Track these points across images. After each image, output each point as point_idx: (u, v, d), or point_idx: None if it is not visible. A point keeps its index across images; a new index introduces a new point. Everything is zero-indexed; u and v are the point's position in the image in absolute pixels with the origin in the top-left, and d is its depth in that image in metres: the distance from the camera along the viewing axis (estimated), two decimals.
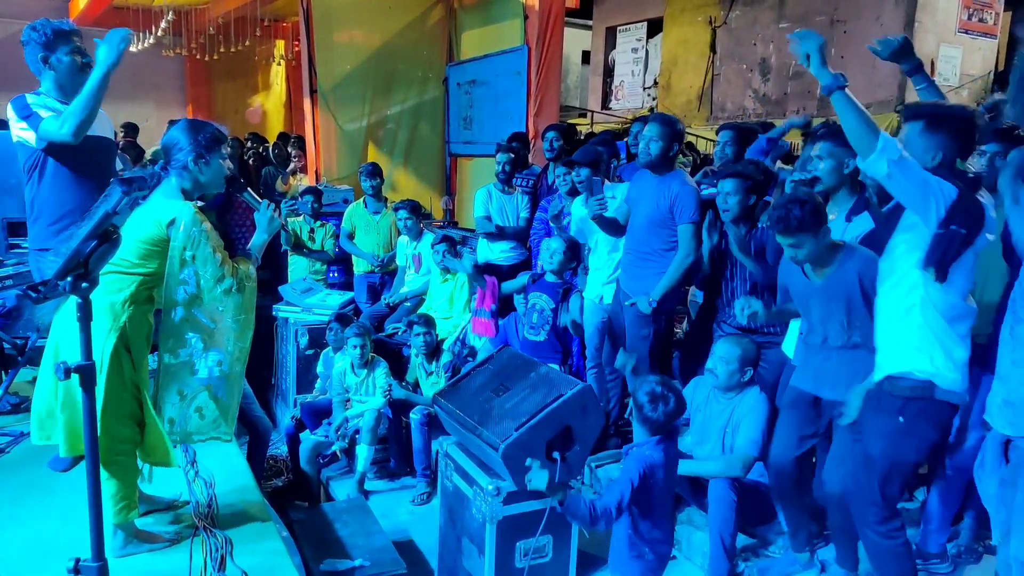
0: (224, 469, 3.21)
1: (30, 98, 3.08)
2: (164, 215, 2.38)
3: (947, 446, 2.88)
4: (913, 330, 2.40)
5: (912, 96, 10.50)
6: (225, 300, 2.47)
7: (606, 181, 4.32)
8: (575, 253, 4.18)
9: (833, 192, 3.01)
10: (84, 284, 1.50)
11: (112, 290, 2.32)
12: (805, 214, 2.61)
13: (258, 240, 2.67)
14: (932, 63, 10.44)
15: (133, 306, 2.37)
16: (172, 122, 3.21)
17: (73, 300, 1.54)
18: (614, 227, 3.86)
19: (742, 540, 3.21)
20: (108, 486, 2.35)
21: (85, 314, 1.52)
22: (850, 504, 2.67)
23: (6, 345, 3.89)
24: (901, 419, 2.43)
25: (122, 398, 2.38)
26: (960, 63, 10.66)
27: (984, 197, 2.33)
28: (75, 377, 1.56)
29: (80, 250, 1.51)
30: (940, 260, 2.26)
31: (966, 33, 10.86)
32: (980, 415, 2.40)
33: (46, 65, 3.08)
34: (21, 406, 3.77)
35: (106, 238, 1.54)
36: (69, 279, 1.49)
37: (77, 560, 1.59)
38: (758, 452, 3.07)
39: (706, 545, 3.17)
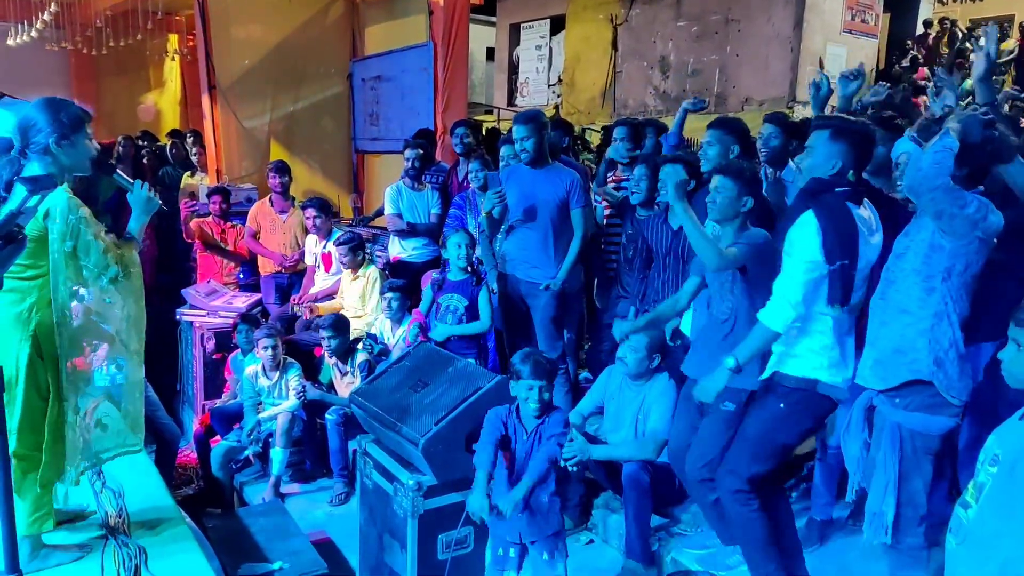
0: (132, 478, 3.09)
1: None
2: (41, 208, 2.23)
3: (822, 434, 3.09)
4: (803, 338, 2.57)
5: (803, 94, 11.11)
6: (112, 291, 2.38)
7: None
8: (474, 241, 4.26)
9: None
10: None
11: (14, 300, 2.23)
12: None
13: (136, 223, 2.55)
14: (820, 60, 11.05)
15: (39, 312, 2.27)
16: None
17: None
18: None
19: (656, 520, 3.34)
20: (25, 496, 2.26)
21: None
22: (715, 476, 2.79)
23: None
24: (782, 405, 2.61)
25: (39, 408, 2.29)
26: (845, 60, 11.31)
27: (862, 210, 2.52)
28: None
29: None
30: (842, 293, 2.44)
31: (850, 33, 11.55)
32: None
33: None
34: None
35: (11, 239, 1.47)
36: None
37: None
38: (667, 435, 3.20)
39: (622, 527, 3.29)
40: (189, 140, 7.56)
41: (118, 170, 2.63)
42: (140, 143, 8.11)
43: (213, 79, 7.40)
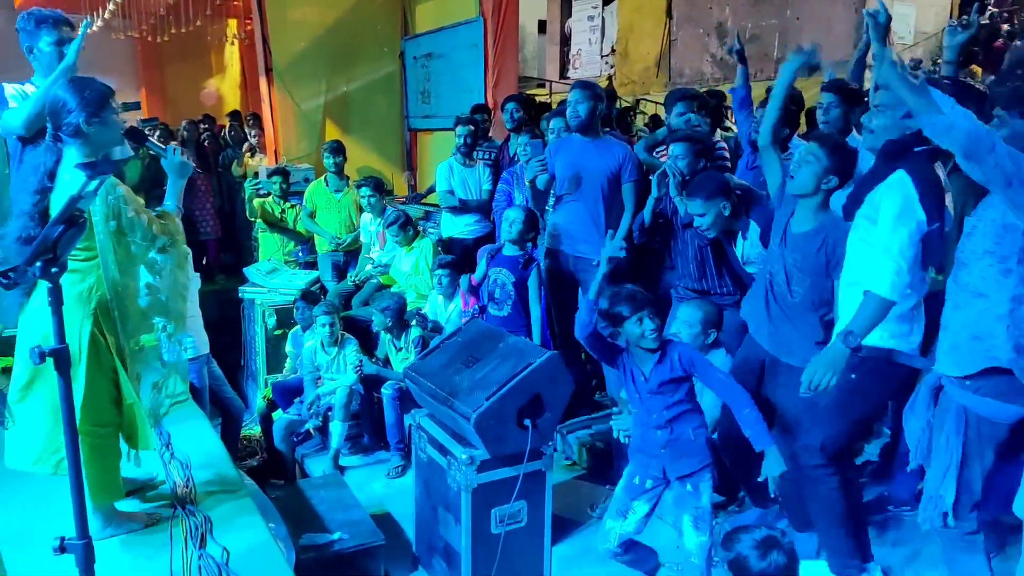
0: (199, 450, 3.23)
1: (11, 87, 3.03)
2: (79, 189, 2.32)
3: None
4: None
5: (868, 57, 10.68)
6: (162, 261, 2.42)
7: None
8: (534, 222, 4.23)
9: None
10: (54, 269, 1.51)
11: (75, 280, 2.31)
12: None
13: (173, 188, 2.58)
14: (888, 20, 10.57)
15: (99, 291, 2.35)
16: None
17: (39, 301, 1.52)
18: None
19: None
20: (90, 470, 2.35)
21: (56, 299, 1.53)
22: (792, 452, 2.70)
23: None
24: (854, 376, 2.47)
25: (102, 384, 2.37)
26: (914, 20, 10.82)
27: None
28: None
29: (48, 235, 1.51)
30: (938, 256, 2.35)
31: None
32: None
33: (31, 55, 3.02)
34: None
35: (73, 222, 1.54)
36: (39, 264, 1.49)
37: (62, 539, 1.62)
38: (719, 415, 3.16)
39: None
40: (248, 122, 7.74)
41: (149, 139, 2.71)
42: (202, 126, 8.34)
43: (269, 62, 7.55)
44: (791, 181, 2.71)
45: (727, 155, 4.11)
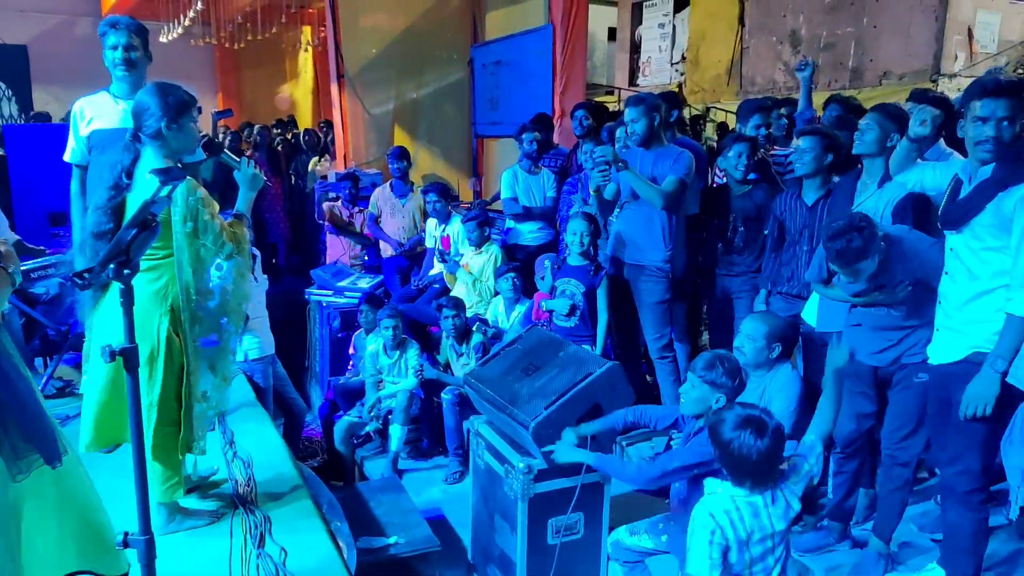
0: (261, 449, 3.29)
1: (80, 101, 3.18)
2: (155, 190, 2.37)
3: None
4: (995, 315, 2.40)
5: (949, 66, 10.25)
6: (228, 266, 2.48)
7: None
8: (597, 230, 4.19)
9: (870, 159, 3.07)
10: (126, 271, 1.55)
11: (152, 278, 2.38)
12: (864, 241, 2.61)
13: (244, 199, 2.63)
14: (969, 30, 10.14)
15: (174, 287, 2.42)
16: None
17: (112, 299, 1.55)
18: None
19: None
20: (155, 466, 2.42)
21: (128, 299, 1.57)
22: (945, 477, 2.67)
23: (50, 331, 4.01)
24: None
25: (172, 382, 2.44)
26: (999, 29, 10.34)
27: None
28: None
29: (122, 238, 1.56)
30: None
31: None
32: None
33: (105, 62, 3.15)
34: (65, 390, 3.90)
35: (146, 226, 1.59)
36: (112, 266, 1.54)
37: (126, 534, 1.66)
38: (790, 430, 3.04)
39: None
40: (321, 128, 7.91)
41: (226, 150, 2.76)
42: (275, 131, 8.57)
43: (341, 68, 7.70)
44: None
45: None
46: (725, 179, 4.20)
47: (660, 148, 3.88)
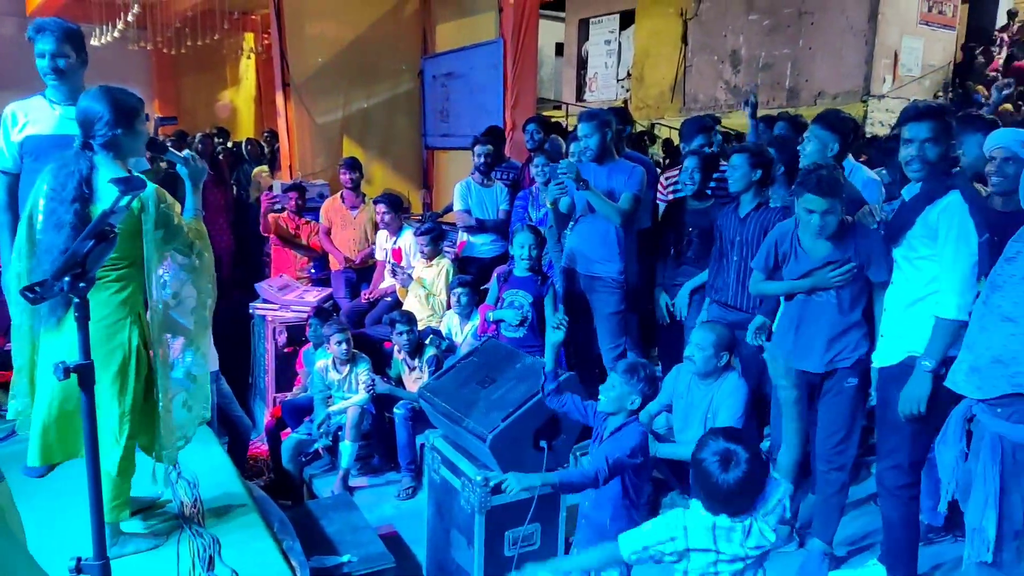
0: (207, 469, 3.17)
1: (12, 105, 3.02)
2: (134, 202, 2.25)
3: None
4: (928, 320, 2.56)
5: (878, 88, 10.70)
6: (199, 264, 2.47)
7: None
8: (542, 241, 4.22)
9: None
10: (81, 284, 1.47)
11: (119, 288, 2.32)
12: (835, 177, 2.78)
13: (193, 196, 2.57)
14: (895, 54, 10.64)
15: (139, 295, 2.37)
16: None
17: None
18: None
19: None
20: (107, 484, 2.32)
21: (83, 314, 1.50)
22: (878, 472, 2.82)
23: None
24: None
25: (140, 391, 2.37)
26: (922, 54, 10.89)
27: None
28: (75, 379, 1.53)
29: (77, 250, 1.48)
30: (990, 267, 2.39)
31: (927, 25, 11.10)
32: None
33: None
34: None
35: (103, 238, 1.51)
36: (67, 279, 1.45)
37: (79, 559, 1.56)
38: None
39: None
40: (265, 138, 7.75)
41: (169, 148, 2.67)
42: (217, 140, 8.36)
43: (287, 76, 7.57)
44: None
45: None
46: (679, 193, 4.28)
47: (612, 163, 3.95)
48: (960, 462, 2.28)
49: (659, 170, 5.23)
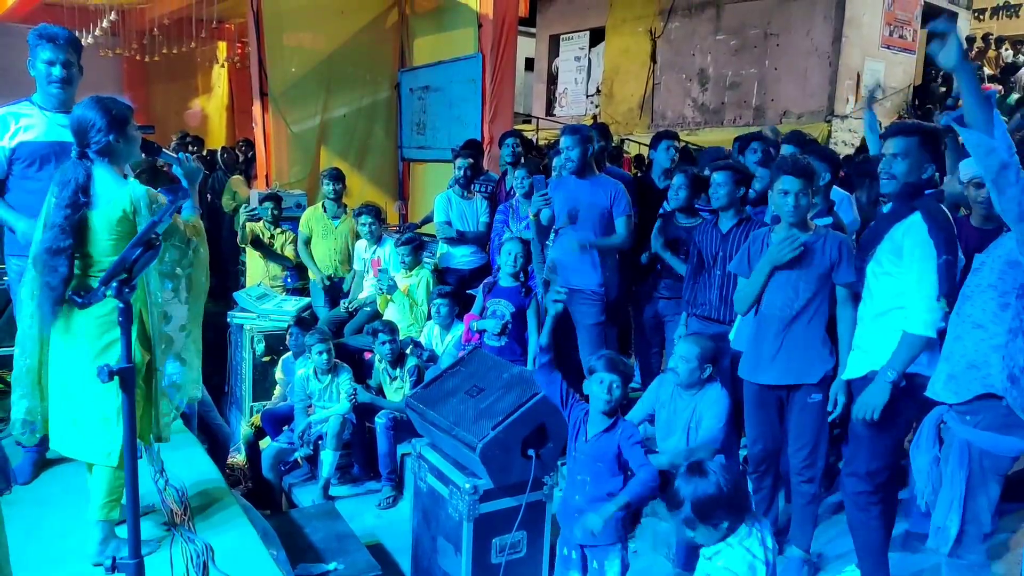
0: (193, 476, 3.18)
1: (2, 111, 3.02)
2: (127, 204, 2.36)
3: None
4: (892, 334, 2.67)
5: (841, 108, 11.02)
6: (193, 260, 2.54)
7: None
8: (530, 253, 4.30)
9: None
10: (126, 290, 1.51)
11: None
12: (808, 161, 2.97)
13: (190, 193, 2.65)
14: (858, 76, 10.99)
15: (139, 300, 2.38)
16: None
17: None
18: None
19: None
20: (103, 479, 2.38)
21: (127, 319, 1.53)
22: (841, 478, 2.94)
23: None
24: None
25: (140, 382, 2.40)
26: (883, 76, 11.26)
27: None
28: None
29: (126, 258, 1.52)
30: (949, 287, 2.54)
31: (888, 48, 11.50)
32: None
33: (32, 70, 3.01)
34: None
35: (150, 246, 1.56)
36: (114, 285, 1.50)
37: (114, 558, 1.59)
38: (719, 445, 3.20)
39: (672, 536, 3.31)
40: (241, 147, 7.71)
41: (164, 149, 2.80)
42: (191, 147, 8.30)
43: (265, 86, 7.55)
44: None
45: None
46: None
47: (593, 177, 4.05)
48: (933, 467, 2.41)
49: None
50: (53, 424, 2.42)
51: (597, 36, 14.68)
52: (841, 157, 9.01)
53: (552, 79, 15.74)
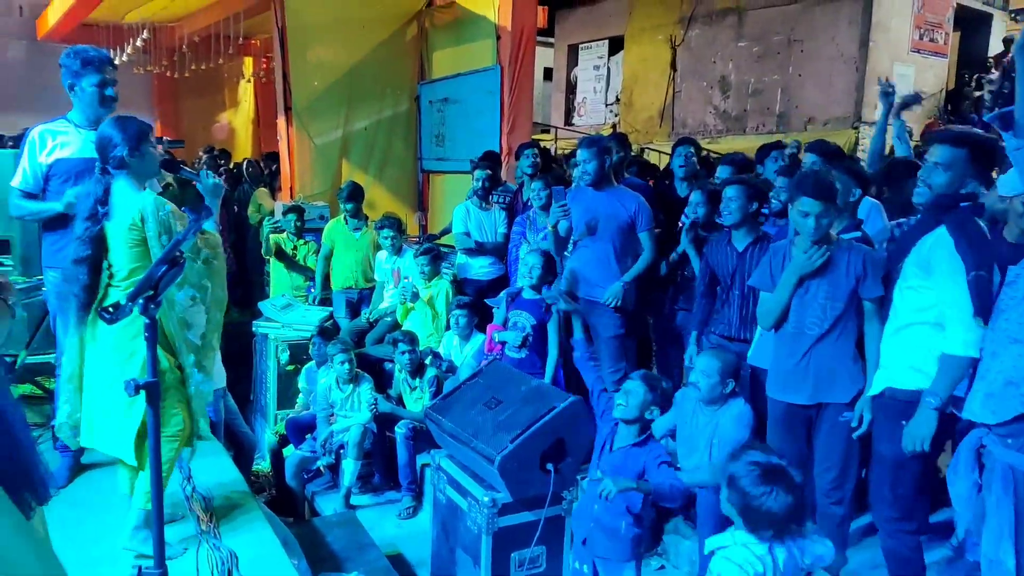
0: (219, 484, 3.25)
1: (40, 128, 3.14)
2: (136, 213, 2.51)
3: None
4: (910, 349, 2.61)
5: (869, 114, 10.91)
6: (205, 272, 2.62)
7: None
8: (551, 266, 4.30)
9: None
10: (152, 306, 1.58)
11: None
12: (831, 180, 2.86)
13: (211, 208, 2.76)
14: (886, 79, 10.85)
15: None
16: None
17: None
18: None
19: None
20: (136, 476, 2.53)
21: (152, 334, 1.60)
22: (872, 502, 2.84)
23: None
24: (904, 422, 2.56)
25: (173, 383, 2.55)
26: (913, 81, 11.11)
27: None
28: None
29: (152, 274, 1.59)
30: (981, 304, 2.41)
31: (918, 52, 11.31)
32: None
33: (72, 92, 3.13)
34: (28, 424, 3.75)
35: (175, 263, 1.62)
36: (140, 301, 1.56)
37: (140, 568, 1.65)
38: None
39: (695, 554, 3.28)
40: (264, 159, 7.84)
41: (184, 167, 2.94)
42: (218, 162, 8.45)
43: (289, 100, 7.68)
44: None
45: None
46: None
47: (610, 188, 4.06)
48: (974, 493, 2.28)
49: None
50: (90, 423, 2.56)
51: (616, 45, 14.68)
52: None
53: (571, 88, 15.76)
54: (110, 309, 1.55)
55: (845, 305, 2.88)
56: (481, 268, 5.33)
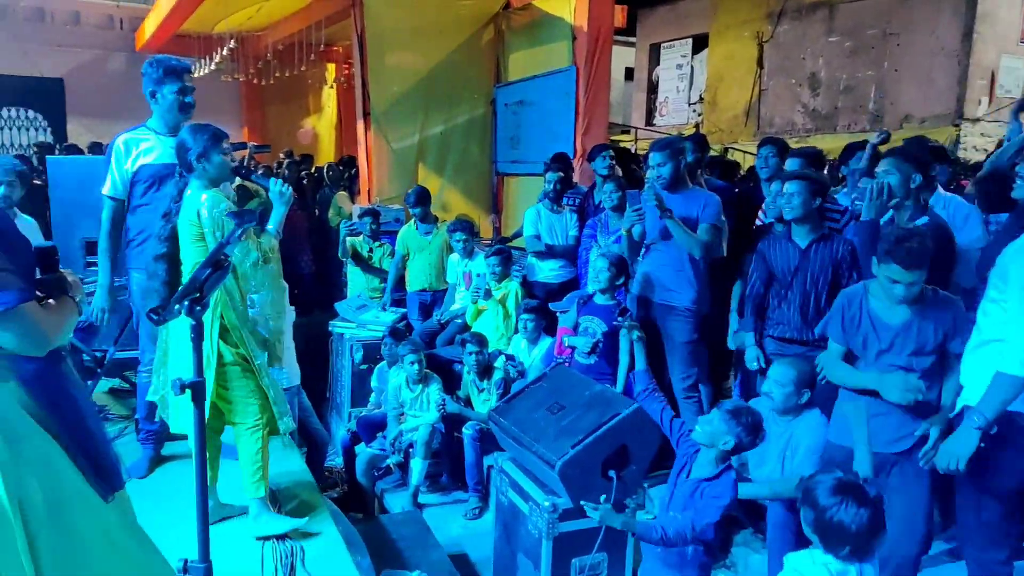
0: (288, 479, 3.33)
1: (123, 137, 3.31)
2: (192, 212, 2.67)
3: None
4: (990, 368, 2.36)
5: (972, 111, 10.24)
6: (256, 273, 2.75)
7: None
8: (622, 269, 4.22)
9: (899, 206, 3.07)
10: (198, 308, 1.64)
11: None
12: (925, 246, 2.51)
13: (276, 215, 2.90)
14: (992, 75, 10.20)
15: (222, 297, 2.66)
16: None
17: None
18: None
19: None
20: (248, 462, 2.72)
21: (198, 335, 1.65)
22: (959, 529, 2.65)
23: (86, 357, 4.09)
24: (983, 444, 2.35)
25: (241, 374, 2.71)
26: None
27: None
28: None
29: (196, 277, 1.64)
30: None
31: None
32: None
33: (153, 99, 3.29)
34: (100, 415, 3.97)
35: (219, 266, 1.68)
36: (186, 303, 1.62)
37: (185, 561, 1.70)
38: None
39: (764, 567, 3.16)
40: (343, 163, 8.02)
41: (255, 173, 3.10)
42: (301, 166, 8.72)
43: (368, 106, 7.85)
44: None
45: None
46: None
47: (686, 191, 3.93)
48: None
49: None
50: (176, 412, 2.77)
51: (700, 43, 14.40)
52: (970, 163, 8.39)
53: (652, 88, 15.55)
54: (159, 310, 1.61)
55: (932, 364, 2.65)
56: (551, 271, 5.30)
